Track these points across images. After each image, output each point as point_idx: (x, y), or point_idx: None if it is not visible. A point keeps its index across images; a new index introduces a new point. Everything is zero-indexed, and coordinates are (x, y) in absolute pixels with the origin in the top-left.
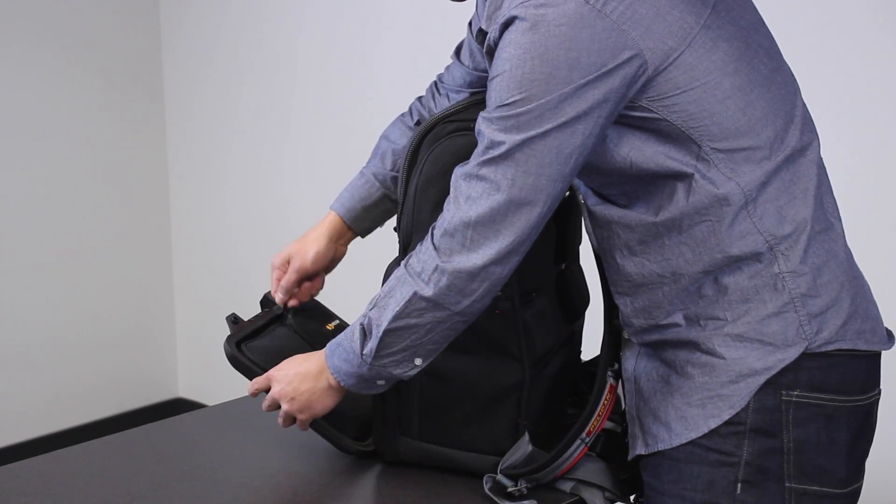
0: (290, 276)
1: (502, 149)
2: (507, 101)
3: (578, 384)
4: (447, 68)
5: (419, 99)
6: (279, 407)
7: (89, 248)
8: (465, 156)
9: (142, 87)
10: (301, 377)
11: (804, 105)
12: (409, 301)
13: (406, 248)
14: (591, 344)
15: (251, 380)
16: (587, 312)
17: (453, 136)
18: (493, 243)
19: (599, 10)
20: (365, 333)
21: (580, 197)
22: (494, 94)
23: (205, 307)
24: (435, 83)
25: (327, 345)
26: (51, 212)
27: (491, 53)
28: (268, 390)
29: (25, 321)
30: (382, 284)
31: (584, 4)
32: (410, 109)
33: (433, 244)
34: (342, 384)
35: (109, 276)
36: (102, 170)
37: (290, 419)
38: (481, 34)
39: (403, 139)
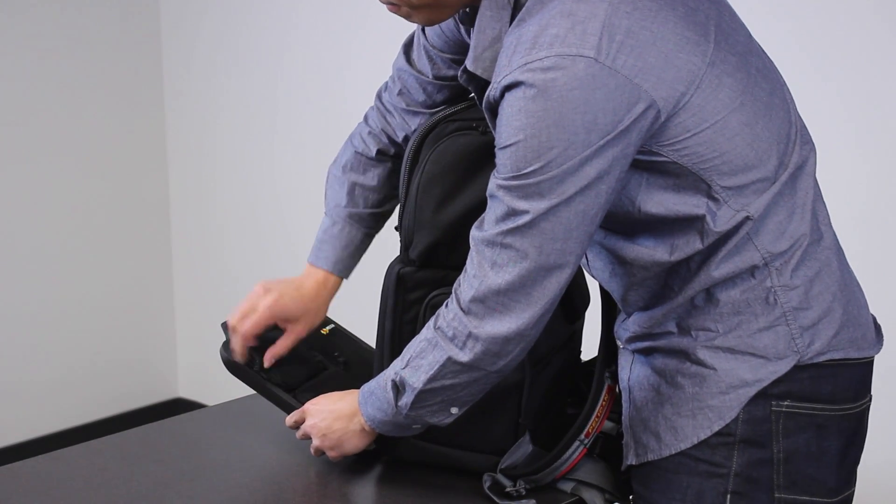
0: (286, 342)
1: (526, 218)
2: (525, 171)
3: (578, 384)
4: (395, 80)
5: (366, 121)
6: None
7: (89, 248)
8: (467, 155)
9: (142, 86)
10: (334, 416)
11: (798, 116)
12: (444, 365)
13: (408, 247)
14: (592, 344)
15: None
16: (587, 312)
17: (455, 136)
18: (527, 308)
19: (610, 67)
20: (398, 389)
21: None
22: (510, 163)
23: (205, 307)
24: (381, 102)
25: (360, 390)
26: (50, 212)
27: (491, 110)
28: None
29: (25, 321)
30: (383, 285)
31: (595, 63)
32: (363, 140)
33: (461, 308)
34: (378, 431)
35: (109, 277)
36: (102, 170)
37: (321, 452)
38: (467, 74)
39: (369, 175)
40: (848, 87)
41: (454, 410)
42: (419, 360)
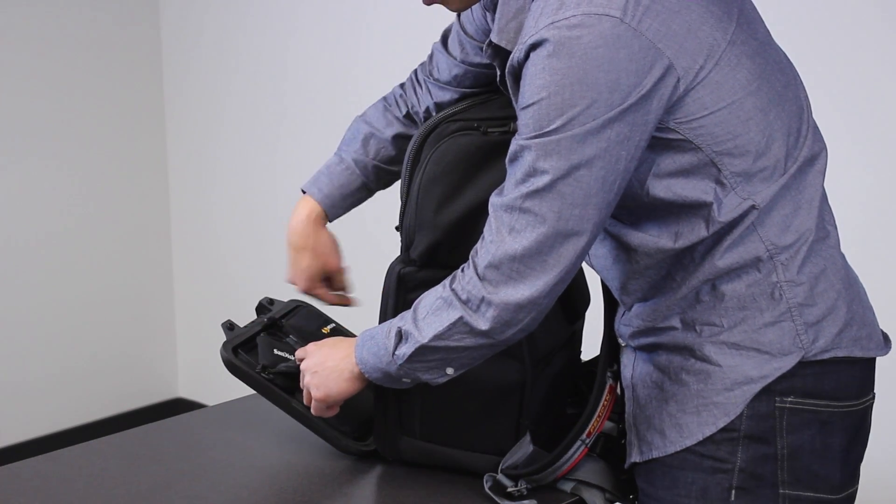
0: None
1: (545, 179)
2: (547, 129)
3: (579, 384)
4: (431, 58)
5: (401, 87)
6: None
7: (89, 248)
8: (468, 155)
9: (142, 87)
10: (328, 355)
11: (812, 118)
12: (454, 324)
13: (409, 247)
14: (592, 344)
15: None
16: (587, 312)
17: (456, 136)
18: (542, 275)
19: (635, 29)
20: (401, 338)
21: None
22: (532, 122)
23: (205, 307)
24: (416, 74)
25: (360, 333)
26: (50, 212)
27: (514, 74)
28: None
29: (25, 321)
30: (384, 285)
31: (620, 24)
32: (395, 100)
33: (477, 274)
34: (366, 376)
35: (109, 276)
36: (102, 170)
37: (309, 395)
38: (492, 48)
39: (389, 129)
40: (847, 87)
41: (449, 371)
42: (431, 317)
